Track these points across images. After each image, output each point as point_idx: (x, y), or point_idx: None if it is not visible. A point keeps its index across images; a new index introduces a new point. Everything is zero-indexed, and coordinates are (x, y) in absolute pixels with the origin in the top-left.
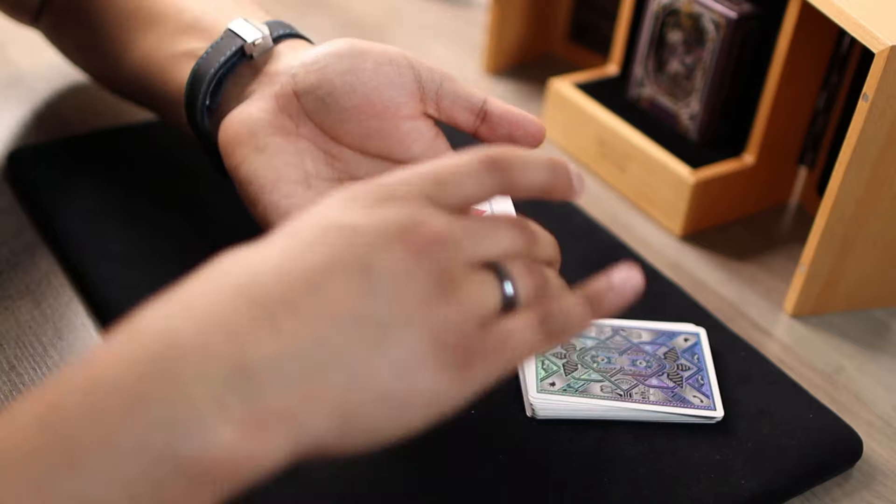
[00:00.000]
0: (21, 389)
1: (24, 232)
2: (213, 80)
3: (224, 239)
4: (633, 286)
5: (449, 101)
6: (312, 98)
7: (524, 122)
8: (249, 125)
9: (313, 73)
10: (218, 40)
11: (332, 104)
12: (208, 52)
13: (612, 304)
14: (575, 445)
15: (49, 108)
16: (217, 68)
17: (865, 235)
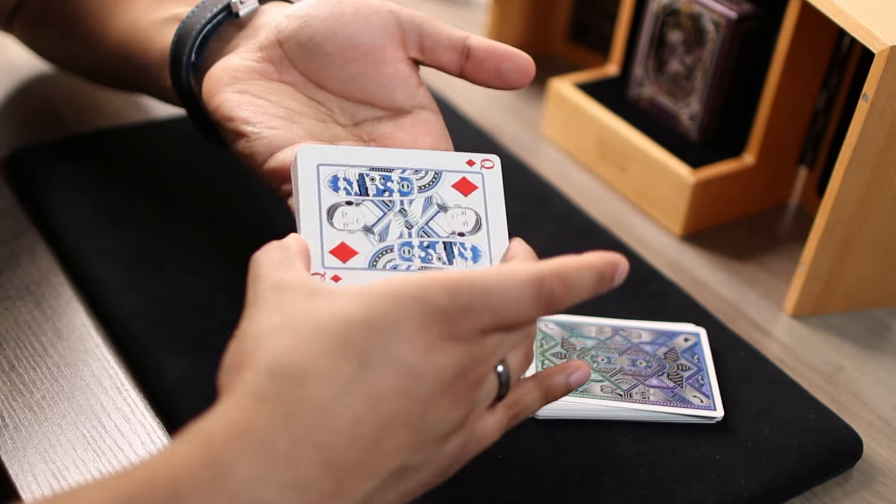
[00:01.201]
0: (21, 389)
1: (24, 232)
2: (198, 36)
3: (224, 238)
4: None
5: (431, 42)
6: (294, 44)
7: (511, 55)
8: (232, 72)
9: (295, 21)
10: (202, 1)
11: (313, 49)
12: (194, 11)
13: (562, 394)
14: (575, 445)
15: (49, 108)
16: (203, 24)
17: (865, 235)
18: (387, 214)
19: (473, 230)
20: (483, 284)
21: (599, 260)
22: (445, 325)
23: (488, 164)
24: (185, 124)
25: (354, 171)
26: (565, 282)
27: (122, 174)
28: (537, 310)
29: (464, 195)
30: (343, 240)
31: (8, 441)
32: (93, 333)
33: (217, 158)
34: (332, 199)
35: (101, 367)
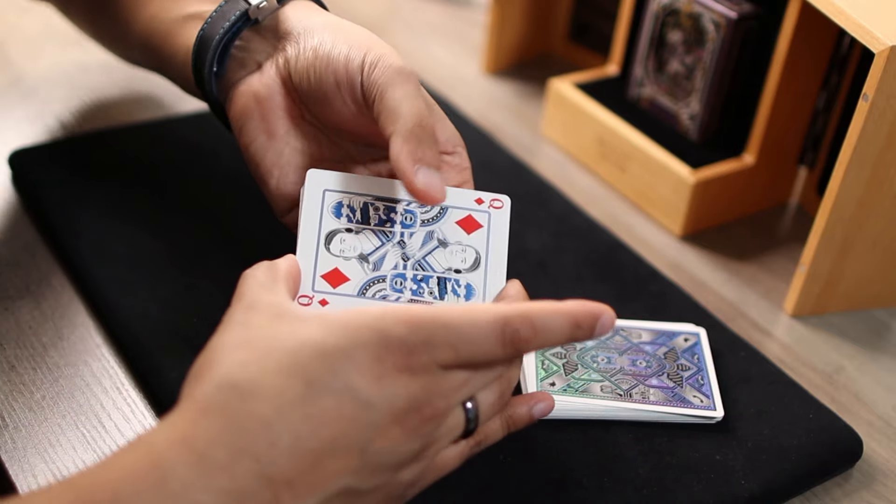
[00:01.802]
0: (21, 389)
1: (24, 232)
2: (218, 47)
3: (224, 239)
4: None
5: None
6: (304, 92)
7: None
8: (258, 104)
9: (296, 74)
10: (222, 3)
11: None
12: (212, 17)
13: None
14: (575, 445)
15: (49, 108)
16: (221, 35)
17: (865, 235)
18: (385, 245)
19: (471, 268)
20: (445, 320)
21: (578, 307)
22: (401, 356)
23: (497, 203)
24: (185, 124)
25: (359, 200)
26: (533, 324)
27: (122, 174)
28: (502, 349)
29: (466, 232)
30: (337, 265)
31: (8, 441)
32: (93, 333)
33: (217, 158)
34: (333, 224)
35: (101, 367)
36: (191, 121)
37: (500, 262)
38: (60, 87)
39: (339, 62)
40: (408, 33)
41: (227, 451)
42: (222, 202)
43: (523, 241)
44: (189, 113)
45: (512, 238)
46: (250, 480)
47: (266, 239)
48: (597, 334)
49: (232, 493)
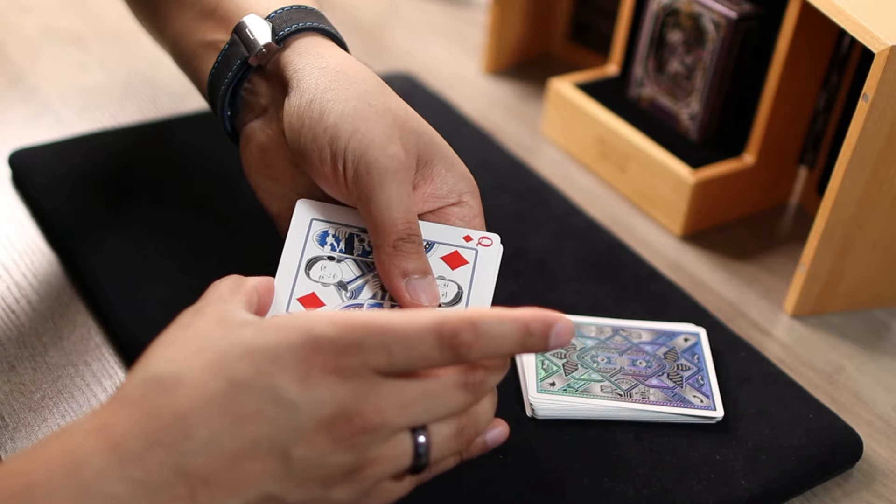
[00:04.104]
0: (21, 389)
1: (24, 232)
2: (225, 96)
3: (224, 239)
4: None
5: None
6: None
7: None
8: (262, 152)
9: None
10: (226, 47)
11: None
12: (219, 61)
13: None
14: (575, 445)
15: (49, 108)
16: (227, 85)
17: (865, 235)
18: (365, 275)
19: (451, 302)
20: (379, 322)
21: (528, 314)
22: (329, 358)
23: (486, 241)
24: (185, 125)
25: (345, 231)
26: (475, 328)
27: (123, 174)
28: (440, 353)
29: (451, 268)
30: (314, 290)
31: (8, 441)
32: (93, 333)
33: (217, 158)
34: (315, 251)
35: (101, 367)
36: (191, 121)
37: (483, 298)
38: (60, 87)
39: (323, 138)
40: (408, 33)
41: (142, 442)
42: (222, 202)
43: (523, 241)
44: (189, 113)
45: (512, 238)
46: (164, 472)
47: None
48: (552, 344)
49: (145, 485)
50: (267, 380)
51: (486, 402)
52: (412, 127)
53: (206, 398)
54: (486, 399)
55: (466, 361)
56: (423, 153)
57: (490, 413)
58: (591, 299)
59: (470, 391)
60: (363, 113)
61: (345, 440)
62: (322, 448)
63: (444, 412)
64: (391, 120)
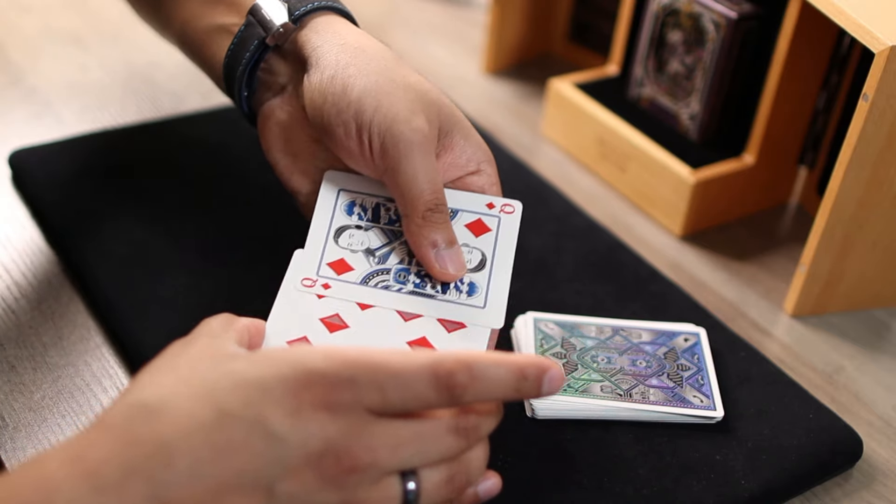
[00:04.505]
0: (21, 389)
1: (25, 232)
2: (242, 76)
3: (224, 239)
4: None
5: None
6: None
7: None
8: (281, 129)
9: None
10: (242, 28)
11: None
12: (234, 43)
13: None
14: (575, 445)
15: (49, 108)
16: (244, 65)
17: (865, 235)
18: (392, 242)
19: (476, 268)
20: (374, 358)
21: (524, 358)
22: (321, 392)
23: (508, 208)
24: (185, 124)
25: (372, 200)
26: (471, 370)
27: (123, 174)
28: (436, 394)
29: (475, 235)
30: (343, 256)
31: (8, 441)
32: (93, 333)
33: (218, 158)
34: (343, 220)
35: (101, 367)
36: (191, 120)
37: (505, 264)
38: (60, 87)
39: (347, 112)
40: (408, 33)
41: (120, 470)
42: (223, 202)
43: (523, 241)
44: (189, 113)
45: None
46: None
47: (267, 238)
48: (545, 390)
49: None
50: (256, 412)
51: (478, 450)
52: (432, 99)
53: (191, 427)
54: (479, 447)
55: (461, 404)
56: (444, 124)
57: (482, 462)
58: (591, 299)
59: (462, 436)
60: (385, 87)
61: (332, 478)
62: (309, 485)
63: (435, 456)
64: (413, 93)
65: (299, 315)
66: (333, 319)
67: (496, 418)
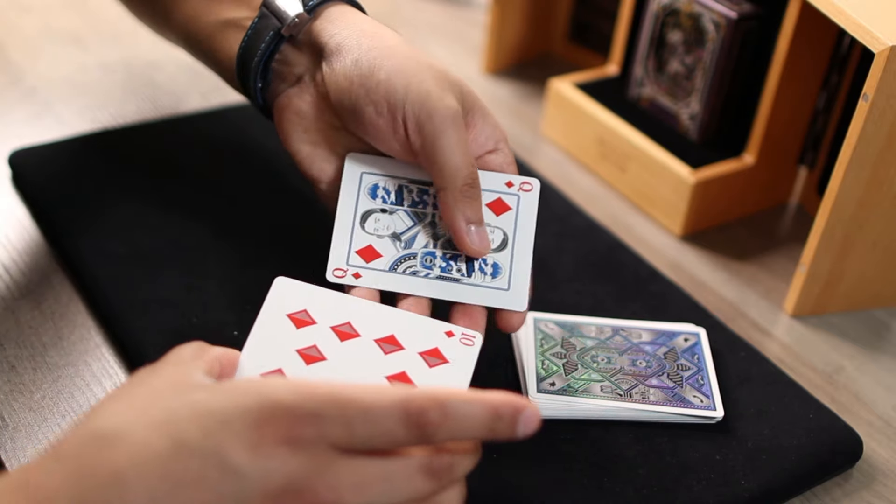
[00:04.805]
0: (21, 389)
1: (25, 232)
2: (258, 67)
3: (224, 239)
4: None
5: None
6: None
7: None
8: (300, 118)
9: (333, 94)
10: (256, 20)
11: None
12: (248, 35)
13: None
14: (575, 445)
15: (49, 108)
16: (259, 56)
17: (865, 235)
18: (417, 225)
19: (498, 248)
20: (342, 393)
21: (498, 398)
22: (284, 426)
23: (527, 186)
24: (185, 124)
25: (395, 182)
26: (443, 407)
27: (123, 174)
28: (405, 431)
29: (496, 214)
30: (371, 243)
31: (8, 441)
32: (93, 333)
33: (218, 158)
34: (368, 205)
35: (101, 367)
36: (191, 120)
37: (526, 243)
38: (60, 87)
39: (377, 92)
40: (408, 33)
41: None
42: (223, 201)
43: None
44: (189, 113)
45: None
46: None
47: (267, 238)
48: (519, 432)
49: None
50: (214, 443)
51: (452, 492)
52: (454, 79)
53: (147, 458)
54: (453, 489)
55: (432, 442)
56: (464, 104)
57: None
58: (591, 299)
59: (434, 477)
60: (412, 68)
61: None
62: None
63: (403, 497)
64: (437, 73)
65: (275, 346)
66: (311, 351)
67: (472, 459)
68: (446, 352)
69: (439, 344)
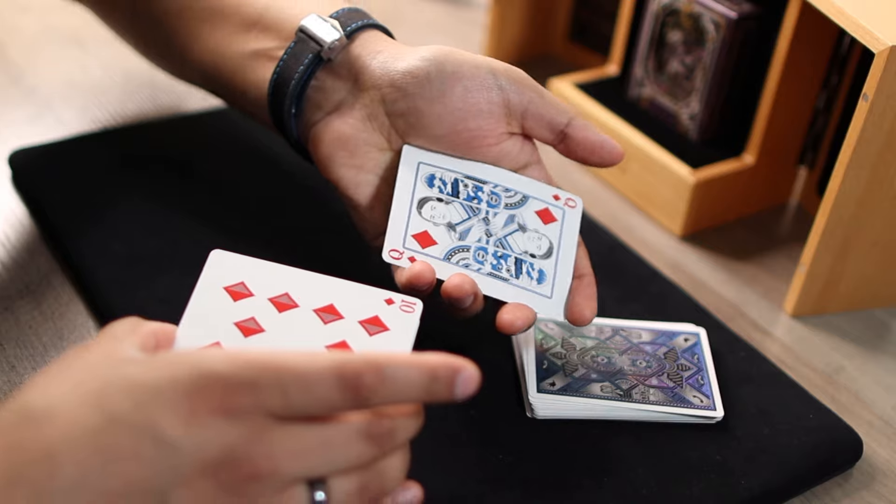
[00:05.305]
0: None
1: (24, 232)
2: (294, 92)
3: (224, 238)
4: None
5: (532, 123)
6: (403, 122)
7: (601, 149)
8: (344, 143)
9: (402, 100)
10: (292, 44)
11: (421, 130)
12: (284, 60)
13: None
14: (575, 445)
15: (49, 108)
16: (297, 80)
17: (865, 235)
18: (471, 218)
19: (544, 256)
20: (276, 360)
21: (435, 359)
22: (218, 396)
23: (571, 203)
24: (186, 124)
25: (451, 175)
26: (379, 371)
27: (123, 174)
28: (340, 396)
29: (543, 223)
30: (427, 229)
31: None
32: (93, 333)
33: (218, 158)
34: (425, 192)
35: None
36: (192, 120)
37: (569, 257)
38: (60, 87)
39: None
40: (408, 33)
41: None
42: (223, 202)
43: None
44: (189, 113)
45: None
46: None
47: (267, 238)
48: (458, 393)
49: None
50: (147, 416)
51: (395, 458)
52: None
53: (78, 433)
54: (396, 456)
55: (369, 406)
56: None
57: (399, 472)
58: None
59: (374, 442)
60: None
61: (231, 488)
62: (205, 495)
63: (343, 463)
64: None
65: (213, 319)
66: (249, 323)
67: (415, 423)
68: (387, 319)
69: (379, 312)
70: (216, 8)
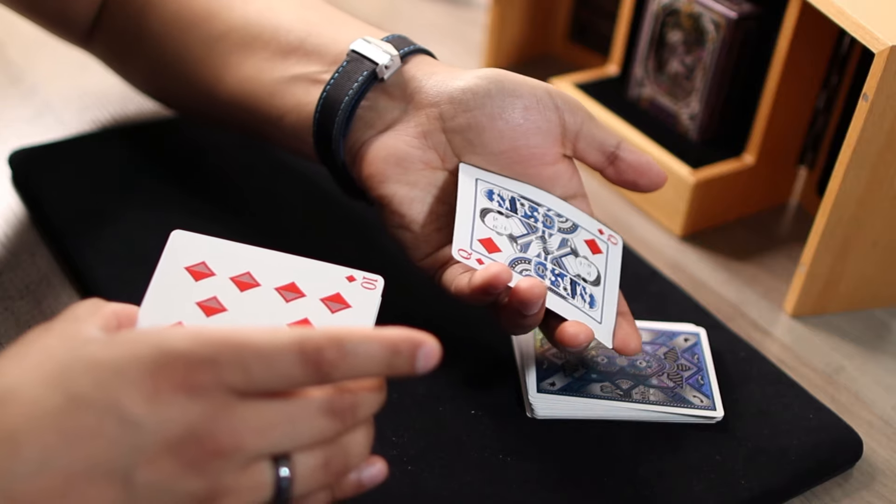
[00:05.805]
0: None
1: (25, 232)
2: (347, 109)
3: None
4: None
5: (584, 144)
6: (461, 139)
7: (649, 172)
8: (398, 160)
9: (462, 115)
10: (343, 64)
11: (479, 147)
12: (335, 79)
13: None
14: (575, 445)
15: (49, 108)
16: (352, 96)
17: (865, 235)
18: (530, 234)
19: (594, 283)
20: (237, 337)
21: (396, 333)
22: (180, 373)
23: (614, 240)
24: (185, 125)
25: (508, 193)
26: (340, 346)
27: (123, 174)
28: (302, 371)
29: (591, 252)
30: (491, 236)
31: None
32: None
33: (218, 158)
34: (487, 204)
35: None
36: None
37: (614, 288)
38: (60, 87)
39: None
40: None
41: None
42: (223, 202)
43: None
44: None
45: None
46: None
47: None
48: (420, 366)
49: None
50: (109, 395)
51: (358, 433)
52: None
53: (39, 414)
54: (360, 430)
55: (331, 381)
56: None
57: (363, 447)
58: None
59: (337, 418)
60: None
61: (194, 465)
62: (169, 473)
63: (307, 439)
64: None
65: (174, 299)
66: (211, 303)
67: (377, 398)
68: (348, 297)
69: (341, 289)
70: (253, 36)
